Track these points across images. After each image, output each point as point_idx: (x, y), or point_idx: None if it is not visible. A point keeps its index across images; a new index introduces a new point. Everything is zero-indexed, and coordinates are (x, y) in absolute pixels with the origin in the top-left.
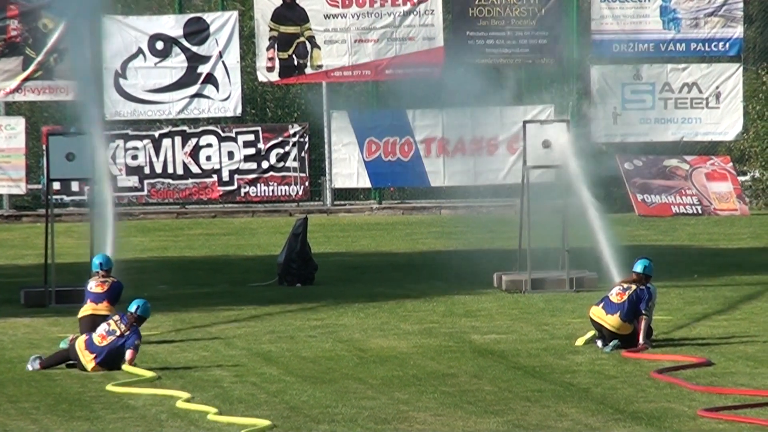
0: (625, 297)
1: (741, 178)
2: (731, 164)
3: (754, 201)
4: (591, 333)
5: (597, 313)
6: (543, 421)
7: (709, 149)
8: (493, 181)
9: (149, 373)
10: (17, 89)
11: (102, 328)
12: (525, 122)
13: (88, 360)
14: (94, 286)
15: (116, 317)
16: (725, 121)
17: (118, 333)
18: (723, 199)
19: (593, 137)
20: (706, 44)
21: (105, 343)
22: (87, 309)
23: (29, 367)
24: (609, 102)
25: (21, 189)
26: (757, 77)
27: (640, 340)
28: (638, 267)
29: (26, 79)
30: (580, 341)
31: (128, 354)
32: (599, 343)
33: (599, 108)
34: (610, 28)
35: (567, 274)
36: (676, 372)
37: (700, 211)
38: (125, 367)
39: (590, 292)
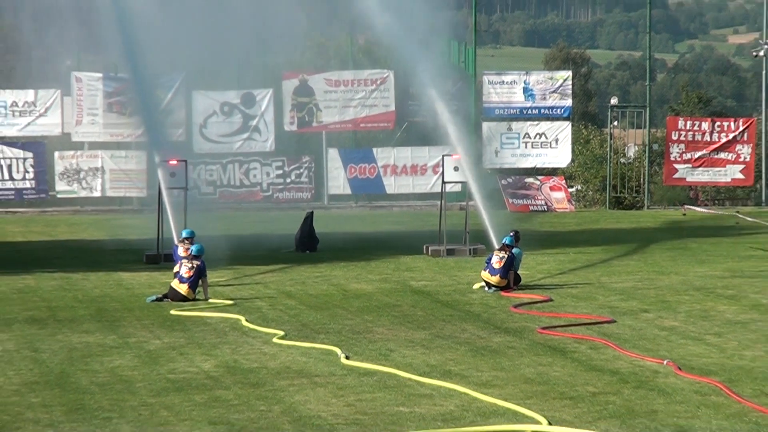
0: (502, 264)
1: (570, 189)
2: (564, 181)
3: (577, 203)
4: (481, 283)
5: (485, 275)
6: (452, 333)
7: (551, 172)
8: (424, 190)
9: (227, 302)
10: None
11: (184, 267)
12: (444, 155)
13: (184, 289)
14: (182, 252)
15: (187, 261)
16: (561, 156)
17: (192, 266)
18: (559, 202)
19: (483, 165)
20: (550, 110)
21: (190, 275)
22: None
23: (148, 300)
24: (492, 144)
25: (144, 193)
26: (578, 129)
27: (511, 285)
28: (505, 240)
29: None
30: (475, 286)
31: (206, 290)
32: (486, 288)
33: (487, 147)
34: (493, 100)
35: (468, 245)
36: (529, 305)
37: (546, 209)
38: (210, 299)
39: (481, 256)
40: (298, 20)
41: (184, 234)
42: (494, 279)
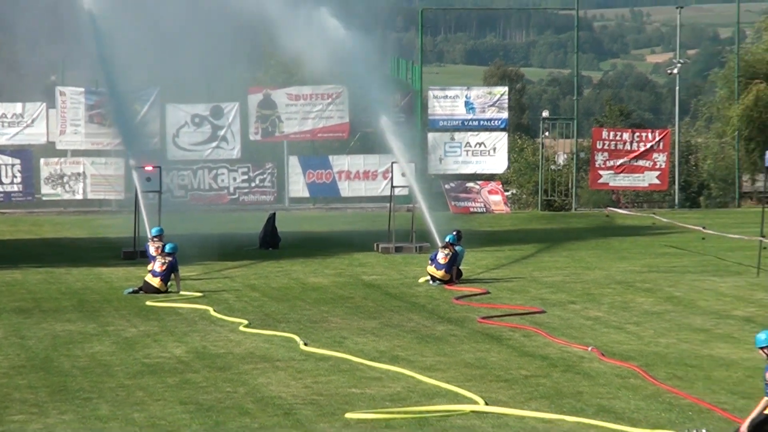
0: (447, 260)
1: (506, 193)
2: (501, 185)
3: (513, 205)
4: (427, 277)
5: (430, 270)
6: (400, 323)
7: (490, 177)
8: (375, 193)
9: (197, 294)
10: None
11: (158, 262)
12: (393, 162)
13: (156, 282)
14: (153, 250)
15: (161, 257)
16: (498, 163)
17: (165, 262)
18: (496, 205)
19: (429, 171)
20: (488, 121)
21: (163, 269)
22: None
23: (125, 292)
24: (437, 152)
25: (122, 196)
26: (514, 139)
27: (454, 279)
28: (448, 238)
29: None
30: (421, 280)
31: (178, 284)
32: (431, 281)
33: (431, 155)
34: (438, 112)
35: (414, 243)
36: (469, 297)
37: (484, 211)
38: (182, 291)
39: (426, 253)
40: (263, 41)
41: (153, 232)
42: (439, 273)
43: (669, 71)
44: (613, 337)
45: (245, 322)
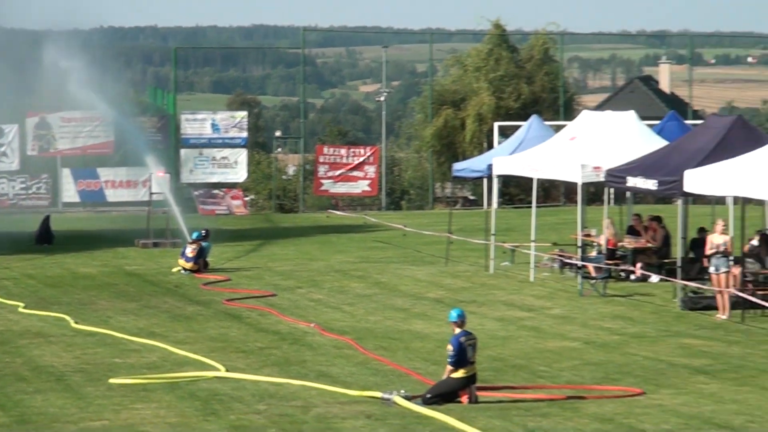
0: (195, 253)
1: (246, 198)
2: (242, 192)
3: (252, 208)
4: (179, 267)
5: (182, 262)
6: (156, 305)
7: (232, 185)
8: (136, 199)
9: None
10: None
11: (189, 247)
12: (151, 173)
13: (188, 265)
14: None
15: (191, 243)
16: (239, 174)
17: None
18: (238, 208)
19: (181, 180)
20: (231, 140)
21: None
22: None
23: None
24: (188, 165)
25: None
26: (252, 154)
27: (201, 269)
28: (195, 235)
29: None
30: (174, 270)
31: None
32: (182, 271)
33: (184, 167)
34: (189, 132)
35: (169, 239)
36: (214, 284)
37: (228, 213)
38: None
39: (179, 248)
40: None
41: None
42: (188, 265)
43: (377, 99)
44: (331, 315)
45: (22, 304)
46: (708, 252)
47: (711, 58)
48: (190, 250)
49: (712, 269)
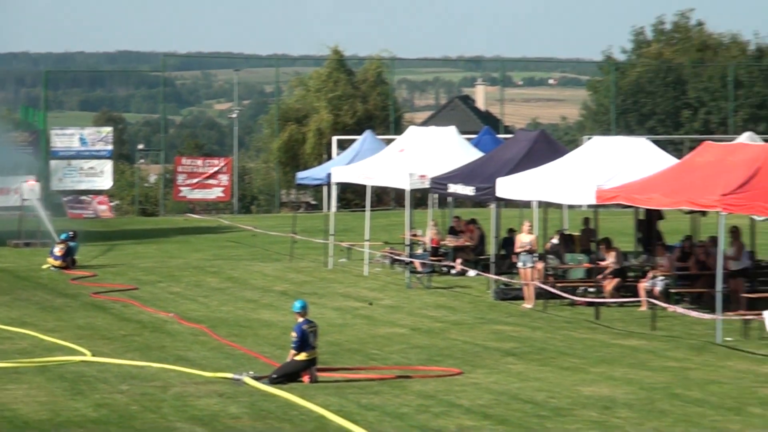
0: (63, 252)
1: (111, 203)
2: (108, 197)
3: (117, 212)
4: (48, 264)
5: (50, 260)
6: (28, 297)
7: (99, 192)
8: (9, 204)
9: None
10: None
11: (57, 247)
12: (22, 182)
13: (57, 263)
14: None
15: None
16: (105, 181)
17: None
18: (104, 212)
19: (52, 188)
20: (98, 152)
21: (62, 253)
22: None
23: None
24: (58, 174)
25: None
26: (118, 165)
27: (70, 266)
28: (63, 236)
29: None
30: (44, 266)
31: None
32: (52, 268)
33: (54, 176)
34: (58, 146)
35: (39, 240)
36: (82, 279)
37: (95, 216)
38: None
39: (49, 247)
40: None
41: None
42: (57, 262)
43: (230, 116)
44: (188, 306)
45: None
46: (517, 249)
47: (519, 80)
48: (58, 250)
49: (520, 264)
